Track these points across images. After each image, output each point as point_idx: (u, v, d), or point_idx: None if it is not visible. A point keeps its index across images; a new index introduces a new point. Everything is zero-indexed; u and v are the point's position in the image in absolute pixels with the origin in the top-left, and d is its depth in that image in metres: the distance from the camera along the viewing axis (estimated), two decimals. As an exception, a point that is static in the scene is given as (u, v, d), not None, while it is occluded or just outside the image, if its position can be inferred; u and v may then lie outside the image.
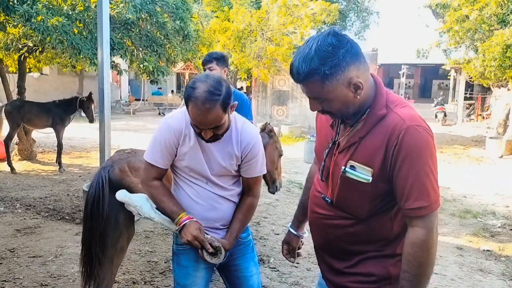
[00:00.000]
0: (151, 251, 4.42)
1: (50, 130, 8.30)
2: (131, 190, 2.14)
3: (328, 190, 1.63)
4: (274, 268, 4.16)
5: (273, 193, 3.45)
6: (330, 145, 1.62)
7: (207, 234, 2.01)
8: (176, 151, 1.97)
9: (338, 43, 1.37)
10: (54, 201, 6.01)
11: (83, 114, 17.66)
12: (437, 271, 4.19)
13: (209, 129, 1.84)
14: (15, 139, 8.77)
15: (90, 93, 8.17)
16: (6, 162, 7.84)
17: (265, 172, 2.15)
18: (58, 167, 8.06)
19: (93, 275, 2.40)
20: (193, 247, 1.95)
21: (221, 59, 3.68)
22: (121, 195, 2.09)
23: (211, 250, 1.94)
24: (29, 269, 3.88)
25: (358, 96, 1.43)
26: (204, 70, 3.71)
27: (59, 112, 8.02)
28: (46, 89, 18.51)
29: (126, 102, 23.33)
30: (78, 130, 11.48)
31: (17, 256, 4.15)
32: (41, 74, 18.80)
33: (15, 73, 9.14)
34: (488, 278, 4.15)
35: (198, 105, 1.76)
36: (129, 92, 25.37)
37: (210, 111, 1.77)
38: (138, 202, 2.06)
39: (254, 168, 2.07)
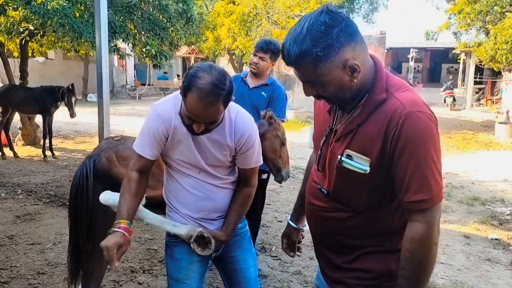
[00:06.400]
0: (151, 239, 4.35)
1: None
2: (118, 181, 2.02)
3: (324, 181, 1.52)
4: (276, 256, 4.08)
5: (280, 182, 3.32)
6: (327, 133, 1.50)
7: (200, 225, 1.93)
8: (166, 141, 1.86)
9: (332, 22, 1.24)
10: (55, 187, 5.97)
11: (91, 99, 17.46)
12: (443, 260, 4.10)
13: (203, 123, 1.73)
14: (19, 124, 8.76)
15: (70, 85, 7.66)
16: (9, 148, 7.81)
17: (261, 162, 2.04)
18: (50, 154, 7.79)
19: (80, 269, 2.32)
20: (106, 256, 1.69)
21: (276, 54, 3.41)
22: (105, 197, 1.94)
23: (114, 268, 1.68)
24: (26, 256, 3.83)
25: (355, 80, 1.30)
26: (254, 55, 3.44)
27: (44, 99, 7.63)
28: (51, 73, 18.44)
29: (131, 86, 23.22)
30: (83, 115, 11.43)
31: (16, 243, 4.10)
32: (46, 58, 18.75)
33: (19, 57, 9.06)
34: (496, 268, 4.04)
35: (200, 97, 1.63)
36: (134, 77, 25.23)
37: (212, 105, 1.65)
38: None
39: (250, 159, 1.95)
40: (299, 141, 10.07)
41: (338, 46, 1.25)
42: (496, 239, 4.72)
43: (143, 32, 7.19)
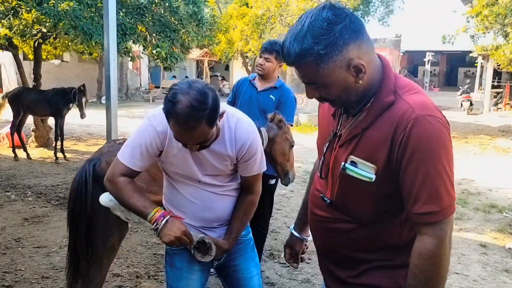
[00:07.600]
0: (158, 243, 4.28)
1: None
2: None
3: (327, 189, 1.42)
4: (284, 264, 3.97)
5: (286, 185, 3.27)
6: (331, 138, 1.40)
7: (201, 232, 1.85)
8: (160, 154, 1.78)
9: (335, 18, 1.14)
10: (65, 189, 5.93)
11: (104, 101, 17.77)
12: (459, 270, 3.95)
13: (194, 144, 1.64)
14: (32, 126, 8.81)
15: (81, 86, 7.63)
16: (22, 149, 7.85)
17: (265, 169, 1.95)
18: (62, 156, 7.75)
19: (79, 277, 2.25)
20: (181, 244, 1.75)
21: (281, 55, 3.34)
22: (105, 199, 1.85)
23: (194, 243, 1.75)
24: (32, 260, 3.79)
25: (360, 81, 1.20)
26: (260, 57, 3.37)
27: (56, 101, 7.63)
28: (67, 76, 18.62)
29: (145, 89, 23.30)
30: (96, 117, 11.45)
31: (22, 246, 4.07)
32: (62, 61, 18.93)
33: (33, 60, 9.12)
34: (513, 279, 3.88)
35: (180, 123, 1.51)
36: (149, 80, 25.33)
37: (194, 129, 1.53)
38: None
39: (252, 166, 1.86)
40: (312, 145, 9.93)
41: (341, 44, 1.15)
42: (514, 248, 4.55)
43: (154, 34, 7.17)
